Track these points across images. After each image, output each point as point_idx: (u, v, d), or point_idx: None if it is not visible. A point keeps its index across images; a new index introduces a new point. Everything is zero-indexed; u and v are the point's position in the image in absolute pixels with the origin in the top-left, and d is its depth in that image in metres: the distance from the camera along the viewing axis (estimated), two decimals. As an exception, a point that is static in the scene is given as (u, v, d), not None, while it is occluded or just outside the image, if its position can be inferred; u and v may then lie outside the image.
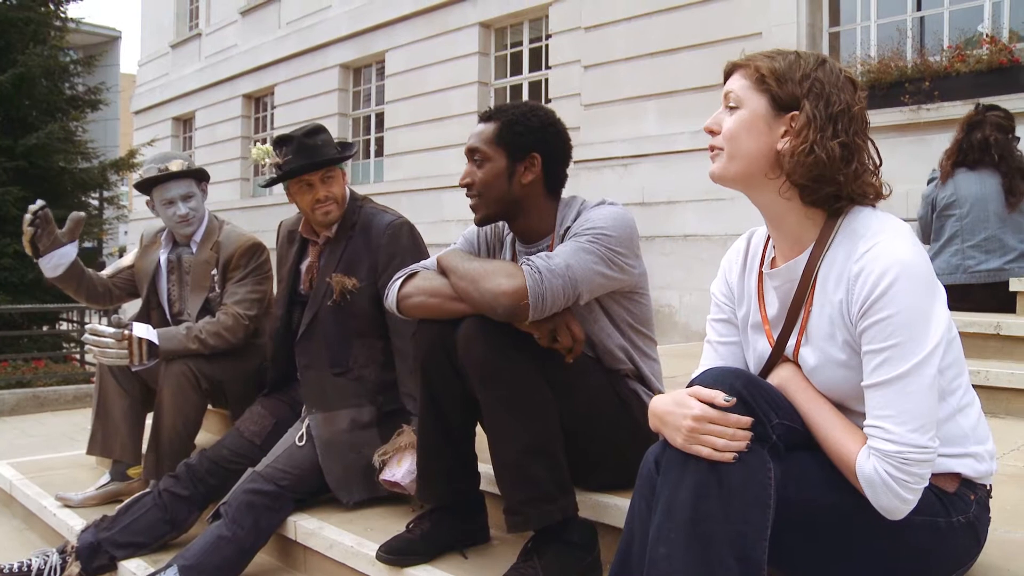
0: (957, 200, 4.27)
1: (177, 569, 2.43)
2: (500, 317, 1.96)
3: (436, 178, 10.67)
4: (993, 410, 3.23)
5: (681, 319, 7.41)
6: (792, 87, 1.50)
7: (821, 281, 1.54)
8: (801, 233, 1.57)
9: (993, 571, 1.65)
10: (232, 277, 3.26)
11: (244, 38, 15.31)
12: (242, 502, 2.55)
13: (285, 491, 2.62)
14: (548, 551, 2.01)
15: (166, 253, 3.42)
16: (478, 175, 2.19)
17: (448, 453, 2.20)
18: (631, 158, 7.97)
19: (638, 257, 2.15)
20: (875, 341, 1.42)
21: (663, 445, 1.50)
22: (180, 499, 2.76)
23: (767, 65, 1.53)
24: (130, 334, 2.97)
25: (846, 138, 1.48)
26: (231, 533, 2.50)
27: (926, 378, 1.40)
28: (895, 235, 1.45)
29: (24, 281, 8.72)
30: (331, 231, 2.81)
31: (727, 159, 1.55)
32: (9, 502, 3.75)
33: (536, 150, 2.18)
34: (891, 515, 1.42)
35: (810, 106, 1.48)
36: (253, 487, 2.59)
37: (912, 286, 1.40)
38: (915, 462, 1.39)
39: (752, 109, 1.53)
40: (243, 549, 2.53)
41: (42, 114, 9.77)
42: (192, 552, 2.48)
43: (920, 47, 6.68)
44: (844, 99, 1.50)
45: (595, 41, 8.36)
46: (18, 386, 7.54)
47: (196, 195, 3.32)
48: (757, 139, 1.52)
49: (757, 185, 1.55)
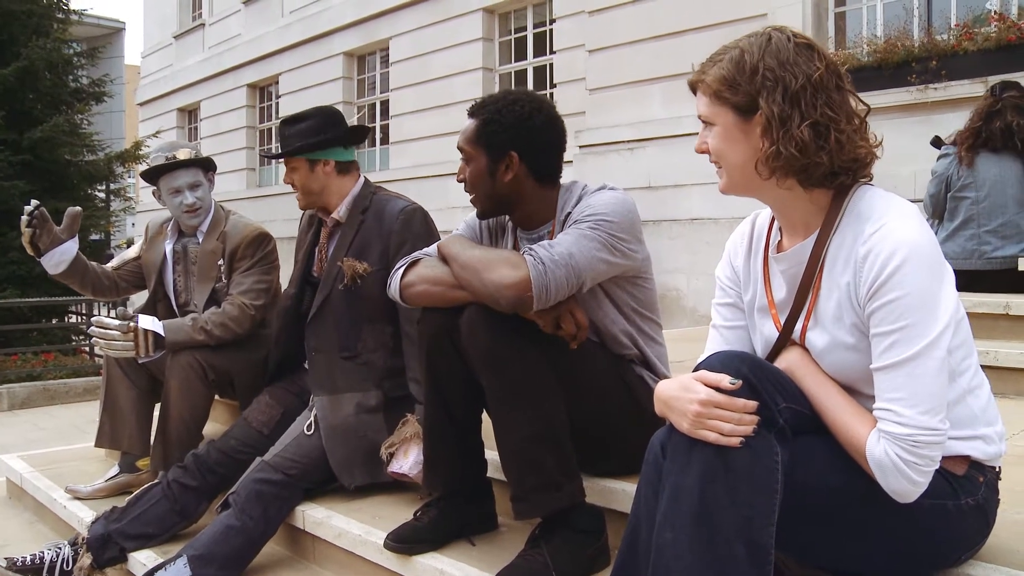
0: (975, 182, 4.16)
1: (186, 560, 2.44)
2: (504, 308, 1.95)
3: (442, 165, 10.65)
4: (1002, 390, 3.20)
5: (688, 303, 7.39)
6: (746, 88, 1.48)
7: (829, 264, 1.53)
8: (807, 218, 1.56)
9: (1003, 553, 1.64)
10: (238, 267, 3.26)
11: (247, 28, 15.29)
12: (251, 492, 2.56)
13: (294, 480, 2.62)
14: (555, 537, 2.01)
15: (172, 243, 3.41)
16: (467, 172, 2.20)
17: (454, 441, 2.20)
18: (636, 142, 7.93)
19: (640, 241, 2.13)
20: (884, 323, 1.41)
21: (669, 430, 1.49)
22: (189, 490, 2.77)
23: (715, 76, 1.51)
24: (135, 326, 2.98)
25: (814, 116, 1.45)
26: (240, 523, 2.50)
27: (935, 360, 1.39)
28: (902, 216, 1.44)
29: (33, 275, 8.73)
30: (340, 215, 2.81)
31: (725, 175, 1.57)
32: (20, 495, 3.77)
33: (512, 148, 2.15)
34: (902, 498, 1.41)
35: (765, 105, 1.46)
36: (262, 476, 2.60)
37: (920, 267, 1.39)
38: (926, 444, 1.38)
39: (723, 123, 1.53)
40: (252, 538, 2.53)
41: (47, 107, 9.77)
42: (201, 542, 2.48)
43: (927, 26, 6.62)
44: (801, 72, 1.45)
45: (599, 25, 8.31)
46: (28, 379, 7.59)
47: (203, 184, 3.32)
48: (738, 149, 1.52)
49: (758, 187, 1.55)
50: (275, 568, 2.65)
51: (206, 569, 2.44)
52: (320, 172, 2.79)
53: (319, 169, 2.78)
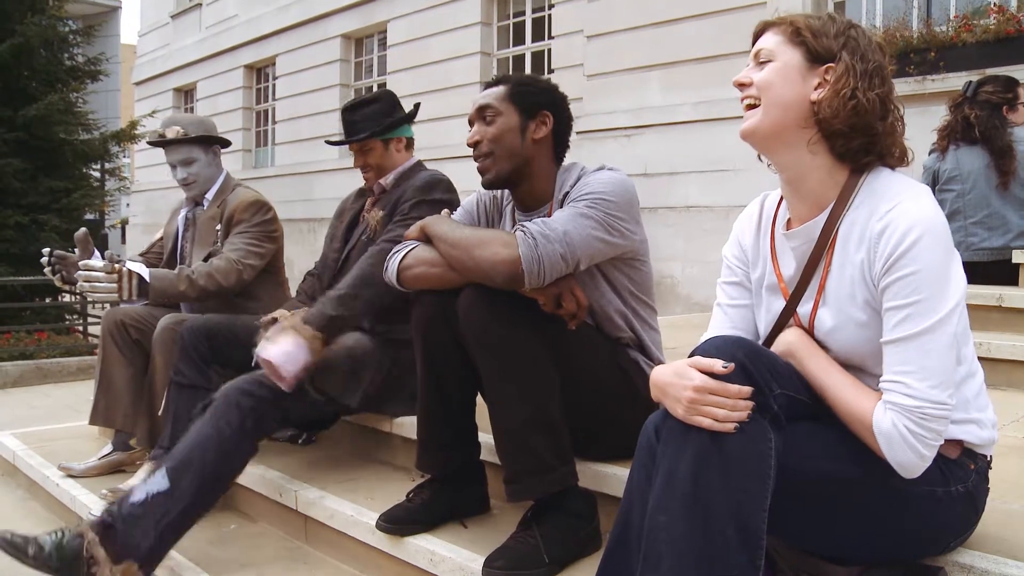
0: (959, 175, 4.23)
1: (164, 470, 2.35)
2: (498, 285, 1.95)
3: (439, 148, 10.59)
4: (995, 382, 3.22)
5: (683, 290, 7.40)
6: (827, 41, 1.53)
7: (842, 241, 1.54)
8: (821, 193, 1.56)
9: (990, 540, 1.65)
10: (234, 230, 3.29)
11: (244, 8, 15.18)
12: (232, 399, 2.47)
13: (277, 399, 2.51)
14: (547, 520, 2.01)
15: (185, 211, 3.52)
16: (489, 132, 2.20)
17: (448, 423, 2.21)
18: (633, 129, 7.92)
19: (638, 223, 2.14)
20: (897, 297, 1.43)
21: (663, 415, 1.50)
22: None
23: (802, 20, 1.55)
24: (120, 267, 2.97)
25: (883, 91, 1.51)
26: (215, 431, 2.41)
27: (946, 336, 1.41)
28: (917, 195, 1.47)
29: (26, 252, 8.71)
30: (388, 182, 2.90)
31: (761, 112, 1.55)
32: (13, 472, 3.78)
33: (548, 109, 2.23)
34: (908, 472, 1.43)
35: (848, 57, 1.51)
36: (245, 387, 2.51)
37: (935, 244, 1.42)
38: (933, 418, 1.39)
39: (785, 61, 1.54)
40: (226, 451, 2.42)
41: (42, 85, 9.71)
42: (178, 450, 2.40)
43: (926, 17, 6.61)
44: (877, 59, 1.53)
45: (598, 11, 8.28)
46: (21, 358, 7.57)
47: (198, 160, 3.39)
48: (792, 88, 1.53)
49: (787, 138, 1.54)
50: (265, 547, 2.66)
51: (182, 477, 2.33)
52: (393, 150, 2.92)
53: (392, 147, 2.92)
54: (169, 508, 2.29)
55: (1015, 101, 4.24)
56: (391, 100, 2.99)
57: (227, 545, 2.66)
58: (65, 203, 9.39)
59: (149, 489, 2.32)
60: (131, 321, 3.28)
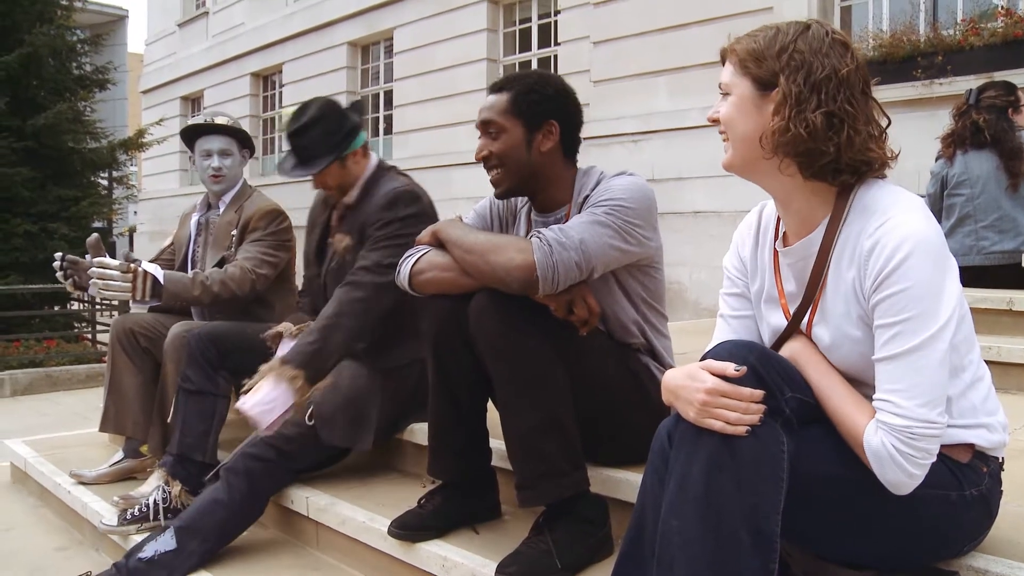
0: (968, 180, 4.23)
1: (173, 530, 2.45)
2: (513, 290, 1.95)
3: (445, 155, 10.64)
4: (1005, 385, 3.21)
5: (691, 296, 7.40)
6: (770, 64, 1.49)
7: (835, 259, 1.53)
8: (810, 211, 1.55)
9: (1005, 544, 1.64)
10: (249, 237, 3.29)
11: (251, 16, 15.26)
12: (240, 467, 2.55)
13: (285, 459, 2.60)
14: (559, 526, 2.01)
15: (198, 216, 3.52)
16: (495, 147, 2.18)
17: (459, 429, 2.21)
18: (640, 134, 7.93)
19: (655, 229, 2.14)
20: (887, 315, 1.42)
21: (676, 419, 1.50)
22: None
23: (745, 47, 1.52)
24: (136, 267, 2.96)
25: (832, 106, 1.45)
26: (227, 497, 2.51)
27: (937, 352, 1.39)
28: (908, 209, 1.44)
29: (35, 261, 8.75)
30: (351, 198, 2.81)
31: (731, 147, 1.56)
32: (24, 479, 3.79)
33: (554, 117, 2.18)
34: (897, 490, 1.42)
35: (785, 81, 1.47)
36: (253, 452, 2.58)
37: (925, 260, 1.39)
38: (922, 437, 1.38)
39: (739, 93, 1.53)
40: (237, 514, 2.53)
41: (50, 94, 9.78)
42: (188, 513, 2.50)
43: (933, 20, 6.61)
44: (830, 64, 1.46)
45: (604, 17, 8.30)
46: (31, 366, 7.61)
47: (234, 155, 3.43)
48: (750, 121, 1.52)
49: (760, 168, 1.54)
50: (277, 554, 2.66)
51: (191, 540, 2.45)
52: (351, 164, 2.79)
53: (350, 162, 2.79)
54: (175, 568, 2.42)
55: (1018, 104, 4.25)
56: (335, 111, 2.79)
57: (238, 551, 2.66)
58: (74, 211, 9.45)
59: (157, 548, 2.44)
60: (140, 329, 3.30)
